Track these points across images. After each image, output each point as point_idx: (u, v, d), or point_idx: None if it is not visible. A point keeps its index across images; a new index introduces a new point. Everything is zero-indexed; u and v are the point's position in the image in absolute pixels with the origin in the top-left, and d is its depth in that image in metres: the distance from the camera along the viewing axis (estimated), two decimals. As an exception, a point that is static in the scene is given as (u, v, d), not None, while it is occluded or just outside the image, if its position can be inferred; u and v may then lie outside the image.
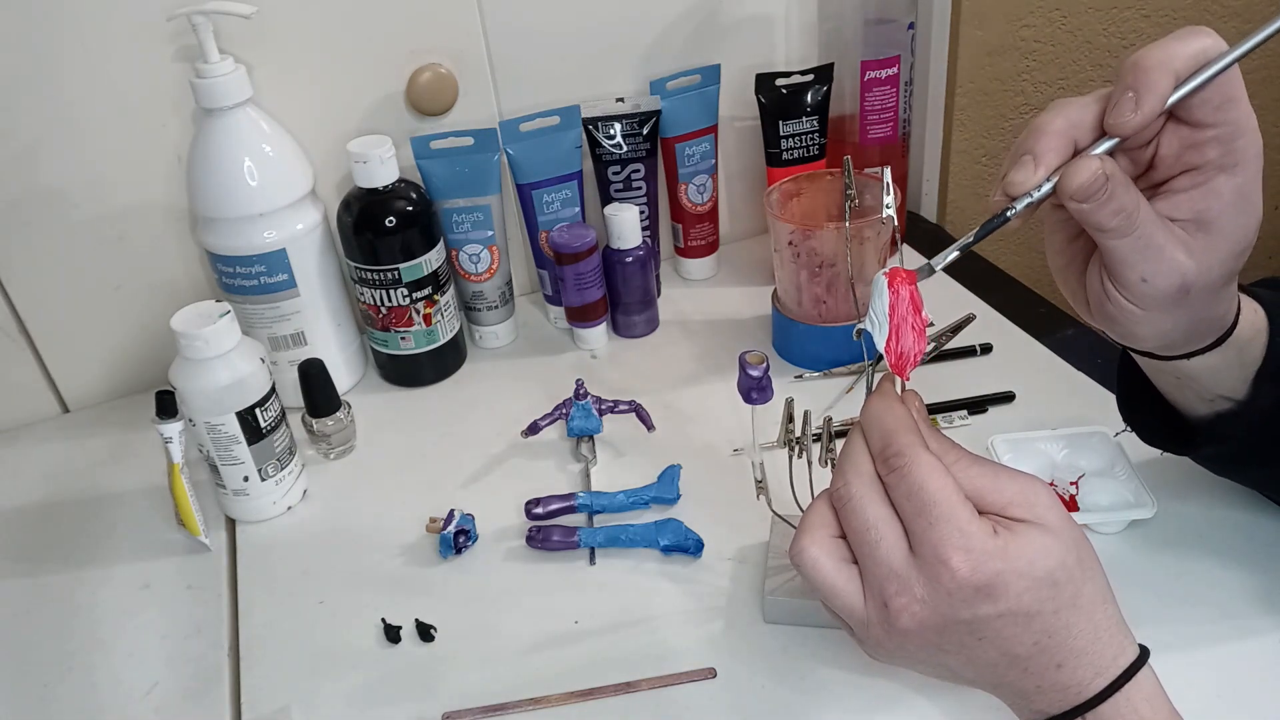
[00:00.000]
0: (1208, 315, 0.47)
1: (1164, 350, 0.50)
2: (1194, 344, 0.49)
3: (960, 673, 0.44)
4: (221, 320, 0.66)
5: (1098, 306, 0.47)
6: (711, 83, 0.91)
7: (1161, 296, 0.44)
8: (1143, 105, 0.40)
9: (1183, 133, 0.42)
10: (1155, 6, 1.08)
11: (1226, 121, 0.41)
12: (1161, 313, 0.45)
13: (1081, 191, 0.41)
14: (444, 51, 0.84)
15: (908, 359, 0.45)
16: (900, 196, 0.95)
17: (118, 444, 0.82)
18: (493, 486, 0.73)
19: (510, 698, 0.57)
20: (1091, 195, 0.41)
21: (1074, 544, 0.42)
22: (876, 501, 0.43)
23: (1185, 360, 0.50)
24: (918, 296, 0.45)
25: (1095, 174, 0.41)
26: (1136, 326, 0.46)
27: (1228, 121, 0.41)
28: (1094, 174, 0.41)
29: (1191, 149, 0.42)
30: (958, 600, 0.41)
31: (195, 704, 0.59)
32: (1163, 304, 0.44)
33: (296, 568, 0.68)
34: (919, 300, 0.45)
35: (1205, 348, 0.49)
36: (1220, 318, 0.48)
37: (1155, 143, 0.44)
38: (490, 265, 0.86)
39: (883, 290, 0.45)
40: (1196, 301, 0.45)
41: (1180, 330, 0.47)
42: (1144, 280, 0.43)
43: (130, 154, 0.79)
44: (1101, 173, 0.41)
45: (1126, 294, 0.44)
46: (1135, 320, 0.45)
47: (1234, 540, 0.61)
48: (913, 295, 0.45)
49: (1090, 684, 0.42)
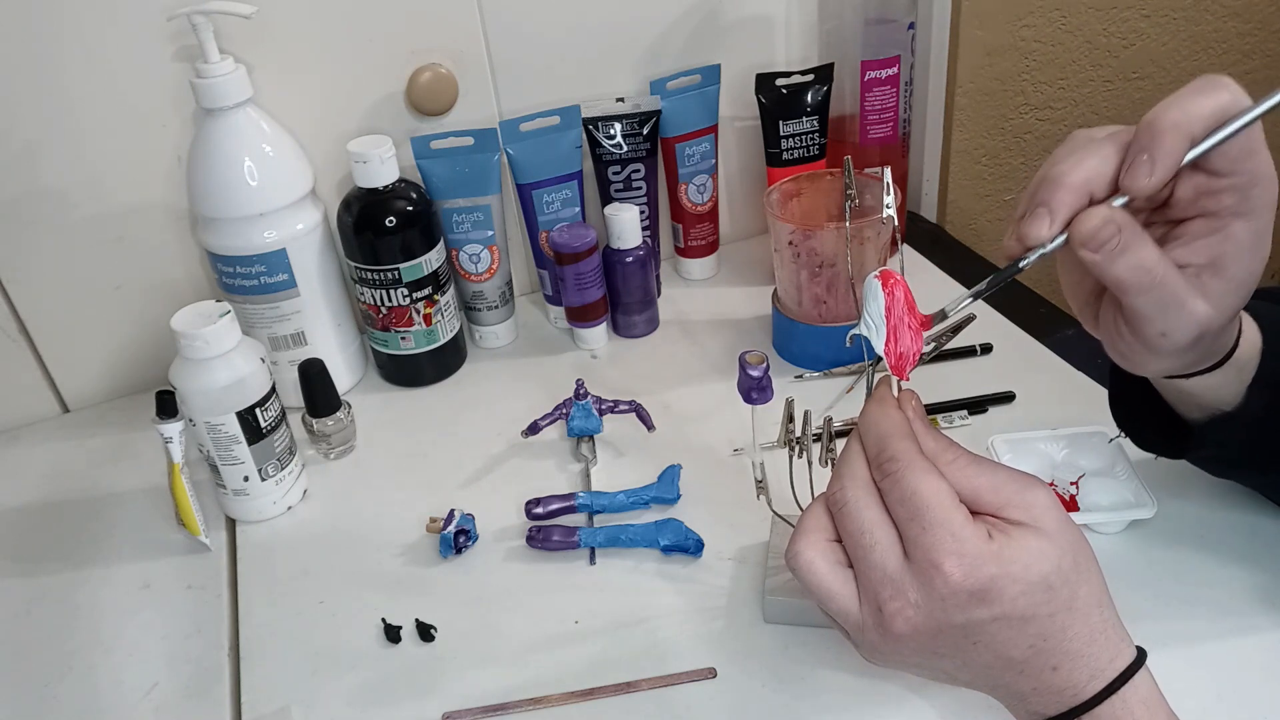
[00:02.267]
0: (1214, 347, 0.48)
1: (1163, 375, 0.50)
2: (1195, 368, 0.49)
3: (956, 675, 0.44)
4: (221, 320, 0.66)
5: (1111, 345, 0.47)
6: (711, 83, 0.91)
7: (1177, 346, 0.44)
8: (1156, 171, 0.40)
9: (1199, 180, 0.42)
10: (1155, 6, 1.08)
11: (1244, 171, 0.41)
12: (1172, 357, 0.45)
13: (1091, 240, 0.40)
14: (444, 51, 0.84)
15: (907, 359, 0.45)
16: (900, 196, 0.95)
17: (118, 444, 0.82)
18: (493, 486, 0.73)
19: (510, 698, 0.57)
20: (1102, 245, 0.40)
21: (1070, 546, 0.42)
22: (872, 506, 0.43)
23: (1184, 380, 0.50)
24: (910, 296, 0.46)
25: (1105, 221, 0.40)
26: (1144, 366, 0.47)
27: (1246, 171, 0.41)
28: (1103, 220, 0.40)
29: (1208, 196, 0.42)
30: (951, 605, 0.41)
31: (195, 704, 0.59)
32: (1177, 351, 0.44)
33: (296, 568, 0.68)
34: (913, 299, 0.46)
35: (1206, 369, 0.49)
36: (1224, 345, 0.48)
37: (1171, 187, 0.43)
38: (490, 265, 0.86)
39: (877, 293, 0.45)
40: (1205, 342, 0.45)
41: (1186, 365, 0.47)
42: (1163, 335, 0.43)
43: (130, 154, 0.79)
44: (1112, 222, 0.40)
45: (1141, 340, 0.44)
46: (1145, 362, 0.46)
47: (1234, 540, 0.61)
48: (906, 295, 0.45)
49: (1086, 686, 0.42)
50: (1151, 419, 0.57)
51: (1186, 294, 0.42)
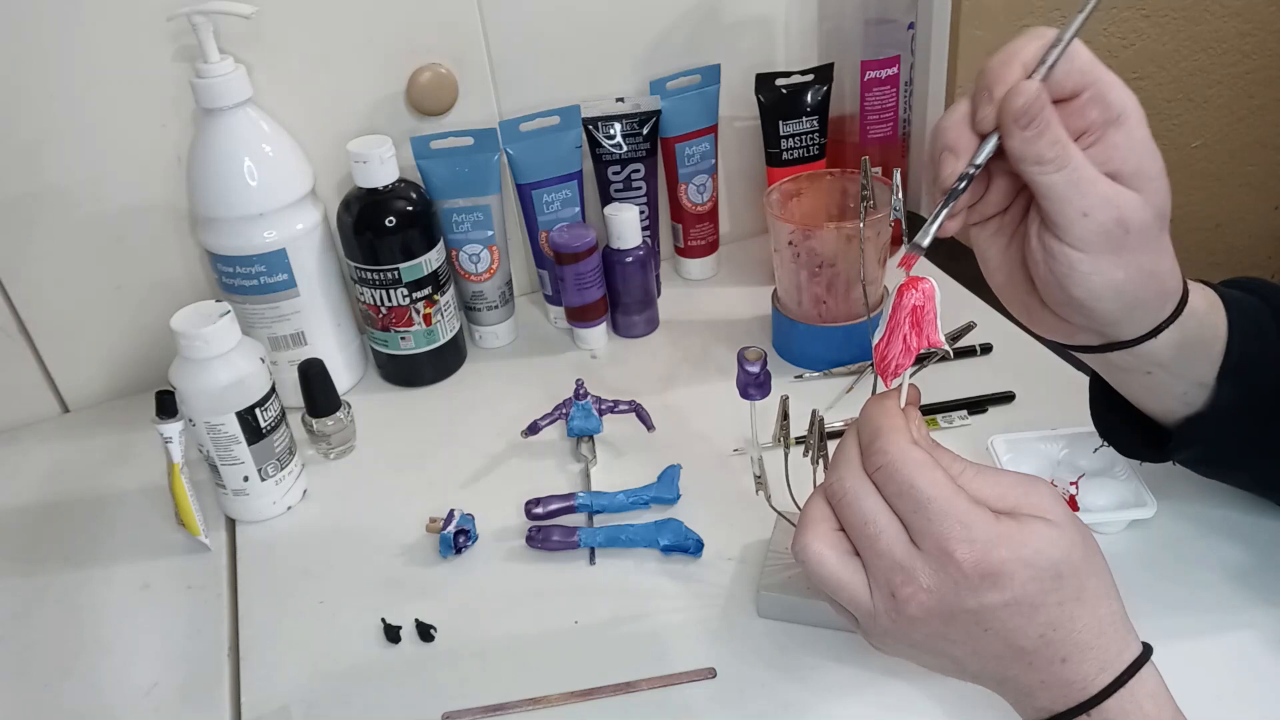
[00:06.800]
0: (1153, 269, 0.46)
1: (1124, 323, 0.49)
2: (1151, 316, 0.48)
3: (966, 665, 0.44)
4: (221, 320, 0.66)
5: (1046, 279, 0.47)
6: (711, 83, 0.91)
7: (1104, 231, 0.44)
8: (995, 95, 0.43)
9: (1062, 108, 0.44)
10: (1155, 6, 1.08)
11: (1093, 82, 0.44)
12: (1107, 256, 0.45)
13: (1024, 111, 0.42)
14: (444, 51, 0.84)
15: (889, 366, 0.45)
16: (900, 196, 0.95)
17: (118, 444, 0.82)
18: (493, 486, 0.73)
19: (510, 698, 0.57)
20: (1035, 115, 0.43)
21: (1080, 538, 0.43)
22: (871, 494, 0.44)
23: (1152, 342, 0.49)
24: (922, 315, 0.45)
25: (1035, 91, 0.42)
26: (1088, 282, 0.45)
27: (1094, 81, 0.44)
28: (1034, 92, 0.42)
29: (1075, 116, 0.44)
30: (964, 589, 0.41)
31: (195, 704, 0.59)
32: (1107, 243, 0.44)
33: (296, 568, 0.68)
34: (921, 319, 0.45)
35: (1162, 323, 0.49)
36: (1164, 274, 0.47)
37: None
38: (490, 265, 0.86)
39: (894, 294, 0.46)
40: (1137, 243, 0.45)
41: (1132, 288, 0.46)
42: (1085, 215, 0.44)
43: (130, 154, 0.79)
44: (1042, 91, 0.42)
45: (1069, 238, 0.45)
46: (1085, 274, 0.45)
47: (1234, 540, 0.61)
48: (915, 311, 0.45)
49: (1095, 680, 0.42)
50: (1131, 426, 0.57)
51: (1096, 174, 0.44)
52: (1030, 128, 0.43)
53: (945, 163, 0.45)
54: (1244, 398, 0.51)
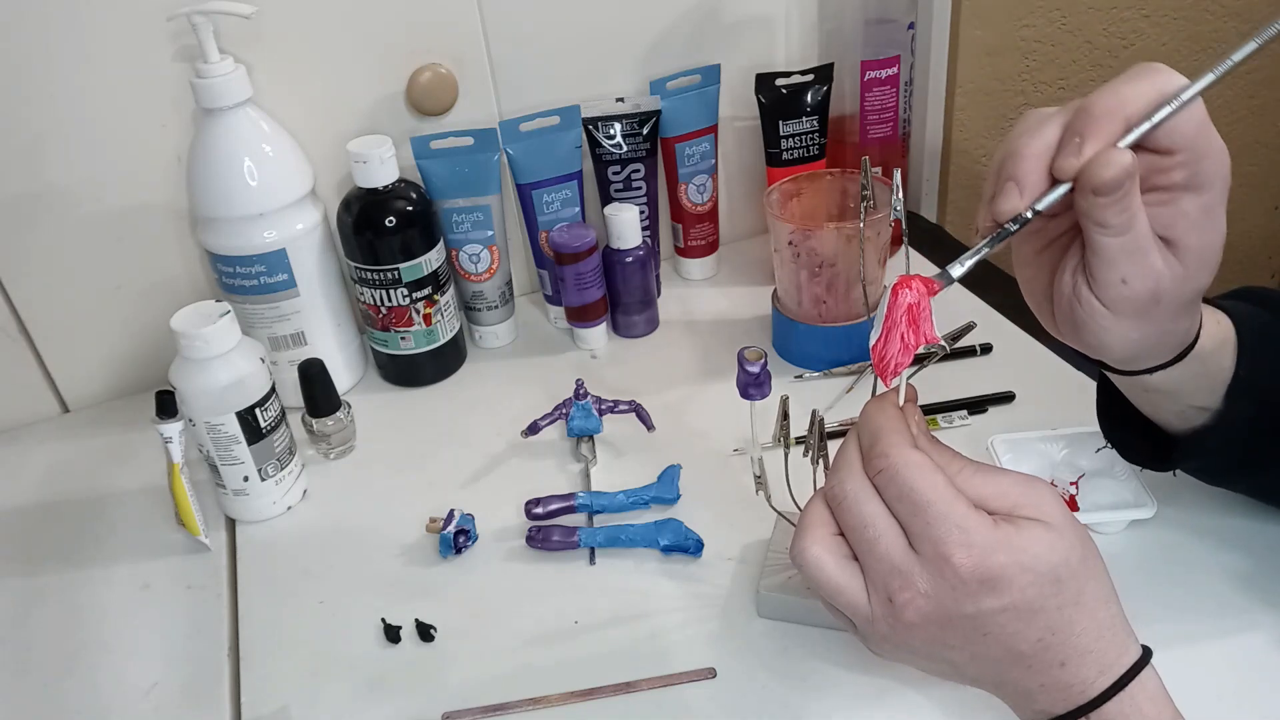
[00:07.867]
0: (1172, 329, 0.46)
1: (1126, 365, 0.49)
2: (1155, 360, 0.48)
3: (964, 669, 0.44)
4: (221, 320, 0.66)
5: (1066, 312, 0.46)
6: (711, 83, 0.91)
7: (1135, 301, 0.43)
8: (1084, 152, 0.41)
9: (1149, 159, 0.42)
10: (1155, 6, 1.08)
11: (1192, 148, 0.41)
12: (1130, 320, 0.44)
13: (1109, 186, 0.40)
14: (444, 51, 0.84)
15: (888, 366, 0.45)
16: (900, 196, 0.95)
17: (118, 444, 0.82)
18: (493, 486, 0.73)
19: (510, 698, 0.57)
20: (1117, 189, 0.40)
21: (1078, 542, 0.42)
22: (872, 499, 0.43)
23: (1149, 375, 0.49)
24: (918, 312, 0.44)
25: (1126, 169, 0.40)
26: (1103, 334, 0.45)
27: (1193, 148, 0.41)
28: (1125, 169, 0.40)
29: (1159, 173, 0.42)
30: (962, 594, 0.41)
31: (195, 704, 0.59)
32: (1134, 310, 0.44)
33: (296, 568, 0.68)
34: (918, 316, 0.45)
35: (1166, 363, 0.49)
36: (1183, 333, 0.48)
37: None
38: (490, 265, 0.86)
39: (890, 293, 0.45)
40: (1164, 314, 0.44)
41: (1145, 344, 0.46)
42: (1123, 281, 0.43)
43: (130, 154, 0.79)
44: (1133, 167, 0.40)
45: (1101, 296, 0.44)
46: (1103, 327, 0.45)
47: (1234, 540, 0.61)
48: (911, 309, 0.44)
49: (1094, 683, 0.42)
50: (1137, 432, 0.57)
51: (1151, 244, 0.42)
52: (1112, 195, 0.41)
53: (1008, 195, 0.43)
54: (1251, 413, 0.51)
